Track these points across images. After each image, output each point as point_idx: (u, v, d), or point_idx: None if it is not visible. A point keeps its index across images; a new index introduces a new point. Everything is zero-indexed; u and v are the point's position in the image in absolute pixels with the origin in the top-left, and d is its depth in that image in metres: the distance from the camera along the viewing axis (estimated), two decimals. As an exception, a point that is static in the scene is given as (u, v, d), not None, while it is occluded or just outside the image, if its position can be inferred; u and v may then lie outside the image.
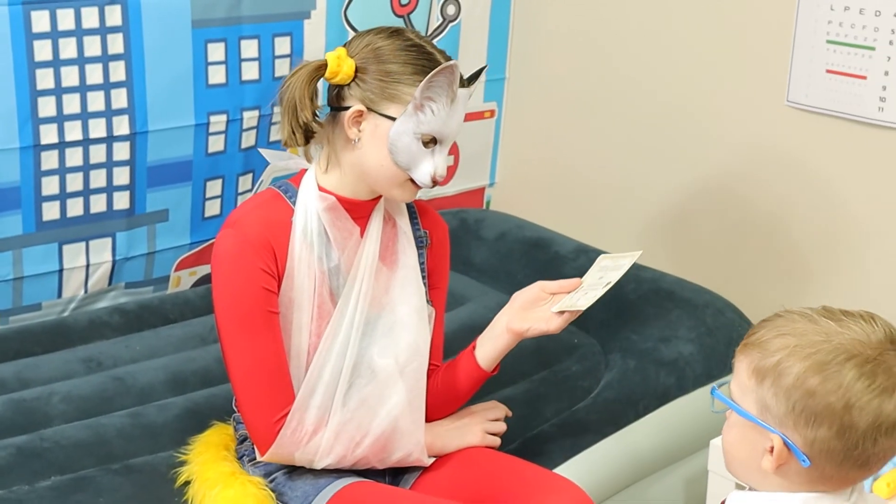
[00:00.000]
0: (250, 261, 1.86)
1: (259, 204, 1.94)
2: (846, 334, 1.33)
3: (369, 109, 1.88)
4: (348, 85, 1.89)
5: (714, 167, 2.72)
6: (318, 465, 1.92)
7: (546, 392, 2.33)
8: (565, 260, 2.69)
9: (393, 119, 1.86)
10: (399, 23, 2.80)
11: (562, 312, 1.93)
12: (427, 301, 2.02)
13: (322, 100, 1.95)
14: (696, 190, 2.77)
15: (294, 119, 1.90)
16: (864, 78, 2.39)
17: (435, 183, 1.90)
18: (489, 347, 2.00)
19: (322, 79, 1.91)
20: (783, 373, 1.34)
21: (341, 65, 1.88)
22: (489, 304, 2.65)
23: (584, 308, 1.91)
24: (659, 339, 2.39)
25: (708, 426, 2.21)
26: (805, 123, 2.51)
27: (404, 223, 2.02)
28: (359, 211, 1.96)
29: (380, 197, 1.98)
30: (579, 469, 2.09)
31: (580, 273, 2.01)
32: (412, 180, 1.90)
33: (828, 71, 2.45)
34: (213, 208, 2.67)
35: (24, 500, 1.95)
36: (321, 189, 1.93)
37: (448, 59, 1.90)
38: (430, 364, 2.03)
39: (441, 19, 2.92)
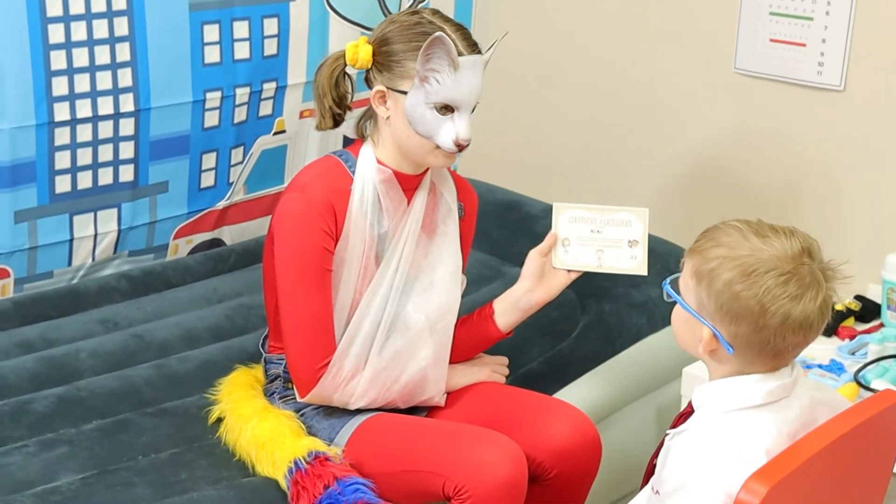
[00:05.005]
0: (315, 222, 2.04)
1: (324, 171, 2.11)
2: (768, 250, 1.61)
3: (388, 88, 2.06)
4: (371, 69, 2.09)
5: (666, 130, 2.98)
6: (353, 407, 2.12)
7: (530, 335, 2.56)
8: (535, 219, 2.92)
9: (406, 93, 2.05)
10: (374, 5, 2.99)
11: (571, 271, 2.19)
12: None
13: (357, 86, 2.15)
14: (653, 152, 3.02)
15: (321, 105, 2.11)
16: (804, 46, 2.64)
17: (460, 147, 2.05)
18: (516, 319, 2.20)
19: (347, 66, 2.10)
20: (715, 278, 1.61)
21: (358, 52, 2.08)
22: (469, 262, 2.88)
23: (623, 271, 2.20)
24: (629, 285, 2.64)
25: (677, 360, 2.44)
26: (751, 88, 2.78)
27: (449, 194, 2.21)
28: (408, 183, 2.14)
29: (425, 172, 2.16)
30: (568, 399, 2.30)
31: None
32: (440, 147, 2.06)
33: (771, 40, 2.71)
34: (208, 179, 2.84)
35: (75, 441, 2.15)
36: (379, 162, 2.12)
37: (454, 31, 2.06)
38: None
39: (412, 0, 3.12)
